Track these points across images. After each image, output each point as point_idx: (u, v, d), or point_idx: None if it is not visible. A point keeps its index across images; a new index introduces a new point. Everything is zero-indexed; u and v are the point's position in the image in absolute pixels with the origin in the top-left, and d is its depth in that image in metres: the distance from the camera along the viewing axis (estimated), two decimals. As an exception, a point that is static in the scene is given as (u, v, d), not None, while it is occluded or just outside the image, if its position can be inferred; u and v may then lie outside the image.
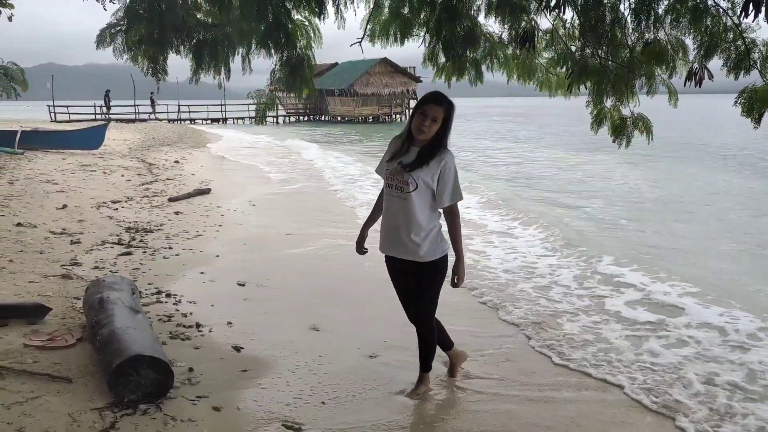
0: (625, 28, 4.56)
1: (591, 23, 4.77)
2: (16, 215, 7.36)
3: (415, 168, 3.00)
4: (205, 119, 44.33)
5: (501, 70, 5.98)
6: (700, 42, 4.03)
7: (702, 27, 3.97)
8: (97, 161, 14.45)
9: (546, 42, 5.47)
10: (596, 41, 4.77)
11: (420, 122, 2.95)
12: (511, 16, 5.08)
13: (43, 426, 2.71)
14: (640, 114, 4.57)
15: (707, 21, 3.93)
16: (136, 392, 3.01)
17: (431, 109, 2.95)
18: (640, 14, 4.40)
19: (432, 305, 3.24)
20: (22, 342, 3.61)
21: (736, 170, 16.56)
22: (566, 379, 3.68)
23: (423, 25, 5.55)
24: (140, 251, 6.25)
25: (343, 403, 3.24)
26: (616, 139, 4.64)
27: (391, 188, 3.09)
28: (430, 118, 2.94)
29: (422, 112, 2.96)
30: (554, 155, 20.63)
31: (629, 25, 4.52)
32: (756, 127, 3.73)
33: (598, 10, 4.64)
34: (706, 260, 7.17)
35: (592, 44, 4.82)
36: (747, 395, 3.51)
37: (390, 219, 3.14)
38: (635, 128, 4.52)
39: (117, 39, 4.73)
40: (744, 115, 3.81)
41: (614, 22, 4.66)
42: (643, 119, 4.53)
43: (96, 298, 3.83)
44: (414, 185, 3.00)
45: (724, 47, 3.89)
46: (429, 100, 2.99)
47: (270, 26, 4.81)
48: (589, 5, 4.68)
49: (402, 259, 3.14)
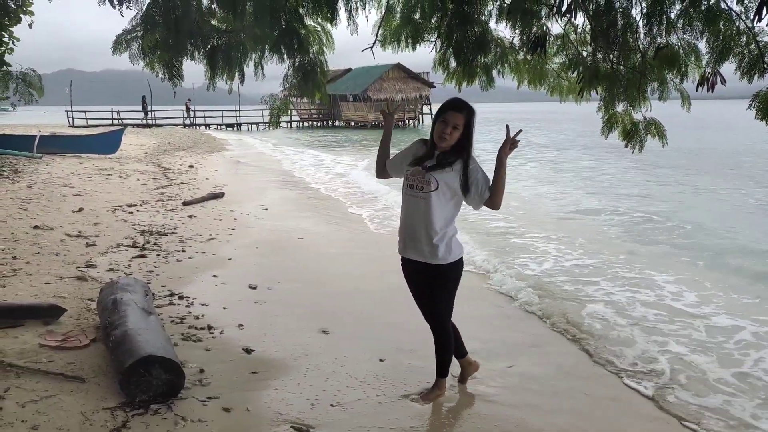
0: (637, 32, 4.55)
1: (602, 28, 4.76)
2: (33, 218, 7.49)
3: (437, 169, 3.00)
4: (219, 125, 44.54)
5: (512, 75, 5.98)
6: (712, 46, 4.01)
7: (715, 31, 3.94)
8: (114, 165, 14.66)
9: (557, 47, 5.48)
10: (608, 46, 4.75)
11: (441, 130, 2.95)
12: (522, 22, 5.08)
13: (56, 424, 2.76)
14: (652, 118, 4.55)
15: (720, 25, 3.90)
16: (148, 392, 3.05)
17: (452, 117, 2.94)
18: (652, 19, 4.39)
19: (447, 309, 3.21)
20: (37, 342, 3.68)
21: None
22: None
23: (434, 30, 5.58)
24: (154, 254, 6.32)
25: (352, 406, 3.25)
26: (629, 144, 4.62)
27: (411, 188, 3.07)
28: (451, 125, 2.94)
29: (443, 120, 2.95)
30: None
31: (641, 29, 4.51)
32: (771, 131, 3.69)
33: (610, 15, 4.63)
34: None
35: (603, 49, 4.81)
36: None
37: (408, 220, 3.12)
38: (648, 133, 4.49)
39: (133, 45, 4.82)
40: (759, 118, 3.78)
41: (626, 26, 4.65)
42: (656, 123, 4.51)
43: (109, 300, 3.89)
44: (435, 185, 2.99)
45: (737, 51, 3.86)
46: (449, 107, 2.97)
47: (283, 32, 4.87)
48: (601, 10, 4.68)
49: (418, 261, 3.12)
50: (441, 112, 2.99)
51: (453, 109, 2.95)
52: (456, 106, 2.96)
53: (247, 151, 24.35)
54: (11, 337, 3.74)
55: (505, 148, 3.01)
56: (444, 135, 2.94)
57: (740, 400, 3.62)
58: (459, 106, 2.96)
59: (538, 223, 9.46)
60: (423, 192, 3.02)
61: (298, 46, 5.06)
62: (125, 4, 3.74)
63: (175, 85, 4.41)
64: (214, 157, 20.34)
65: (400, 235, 3.21)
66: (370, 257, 6.85)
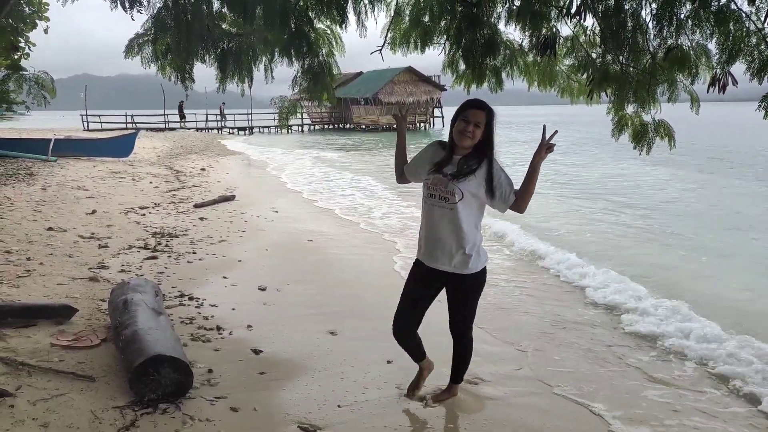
0: (647, 34, 4.53)
1: (612, 30, 4.74)
2: (47, 220, 7.60)
3: (460, 177, 2.86)
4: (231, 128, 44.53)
5: (522, 77, 5.98)
6: (722, 47, 3.98)
7: (725, 32, 3.91)
8: (127, 168, 14.82)
9: (567, 48, 5.46)
10: (617, 48, 4.74)
11: (463, 127, 2.83)
12: (531, 24, 5.08)
13: (66, 422, 2.80)
14: (661, 120, 4.52)
15: (730, 26, 3.87)
16: (156, 391, 3.08)
17: (473, 114, 2.83)
18: (662, 20, 4.36)
19: (473, 316, 3.16)
20: (49, 341, 3.73)
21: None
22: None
23: (443, 33, 5.58)
24: (165, 255, 6.38)
25: (360, 407, 3.26)
26: (637, 145, 4.59)
27: (434, 198, 2.93)
28: (473, 123, 2.82)
29: (464, 118, 2.83)
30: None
31: (651, 31, 4.49)
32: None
33: (619, 16, 4.61)
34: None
35: (613, 51, 4.80)
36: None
37: (433, 230, 2.96)
38: (656, 134, 4.46)
39: (145, 48, 4.88)
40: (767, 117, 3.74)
41: (635, 28, 4.63)
42: (665, 125, 4.49)
43: (120, 300, 3.93)
44: (459, 195, 2.86)
45: (747, 52, 3.83)
46: (470, 105, 2.87)
47: (293, 35, 4.90)
48: (610, 12, 4.66)
49: (447, 272, 2.99)
50: (461, 110, 2.88)
51: (474, 107, 2.85)
52: (477, 104, 2.86)
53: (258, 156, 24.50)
54: (24, 336, 3.79)
55: (540, 152, 2.85)
56: (466, 132, 2.82)
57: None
58: (479, 104, 2.87)
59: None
60: (448, 203, 2.89)
61: (308, 49, 5.10)
62: (136, 8, 3.80)
63: (186, 88, 4.46)
64: (225, 160, 20.48)
65: (424, 245, 3.04)
66: (378, 259, 6.86)
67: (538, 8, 4.99)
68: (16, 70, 11.42)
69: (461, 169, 2.88)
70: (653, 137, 4.52)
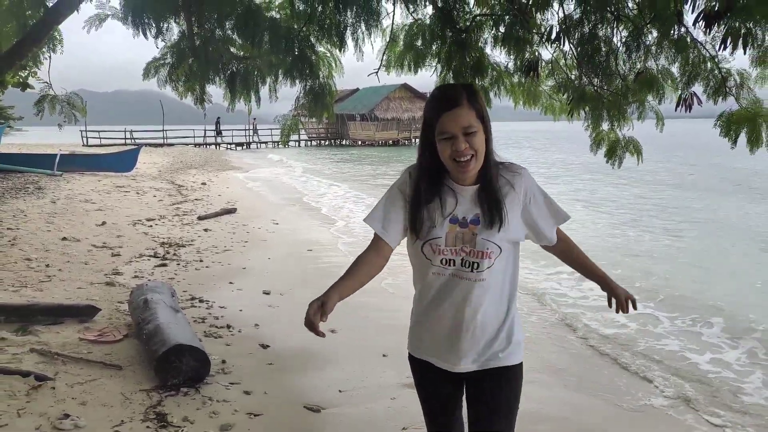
0: (618, 58, 5.00)
1: (587, 54, 5.22)
2: (60, 230, 7.99)
3: (495, 221, 1.72)
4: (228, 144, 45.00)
5: (508, 96, 6.46)
6: (683, 71, 4.44)
7: (685, 58, 4.38)
8: (130, 183, 15.22)
9: (548, 71, 5.94)
10: (592, 71, 5.21)
11: (454, 150, 1.67)
12: (515, 48, 5.55)
13: (101, 401, 3.18)
14: (631, 137, 4.97)
15: (689, 53, 4.34)
16: (178, 377, 3.47)
17: (457, 119, 1.66)
18: (630, 46, 4.84)
19: (514, 421, 1.86)
20: (76, 336, 4.11)
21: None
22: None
23: (435, 56, 6.05)
24: (174, 263, 6.78)
25: (358, 392, 3.65)
26: (609, 160, 5.04)
27: (447, 266, 1.76)
28: (462, 134, 1.66)
29: (445, 133, 1.67)
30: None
31: (621, 56, 4.96)
32: (733, 147, 4.11)
33: (593, 42, 5.09)
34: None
35: (588, 74, 5.27)
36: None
37: (445, 316, 1.80)
38: (626, 150, 4.92)
39: (160, 71, 5.34)
40: (722, 135, 4.19)
41: (608, 53, 5.11)
42: (634, 142, 4.94)
43: (141, 299, 4.33)
44: (497, 251, 1.74)
45: (704, 75, 4.30)
46: (445, 105, 1.68)
47: (296, 58, 5.36)
48: (585, 38, 5.14)
49: (475, 371, 1.81)
50: (432, 117, 1.70)
51: (453, 105, 1.67)
52: (454, 99, 1.68)
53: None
54: (53, 332, 4.17)
55: (618, 294, 1.87)
56: (462, 158, 1.68)
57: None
58: (457, 98, 1.68)
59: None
60: (478, 270, 1.74)
61: (310, 71, 5.56)
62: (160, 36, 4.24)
63: (204, 108, 4.90)
64: (225, 174, 20.91)
65: (433, 339, 1.84)
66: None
67: (521, 34, 5.48)
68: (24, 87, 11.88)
69: (492, 208, 1.73)
70: (623, 153, 4.97)
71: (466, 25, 5.72)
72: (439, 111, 1.67)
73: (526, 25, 5.42)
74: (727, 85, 4.15)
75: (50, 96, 4.94)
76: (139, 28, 4.42)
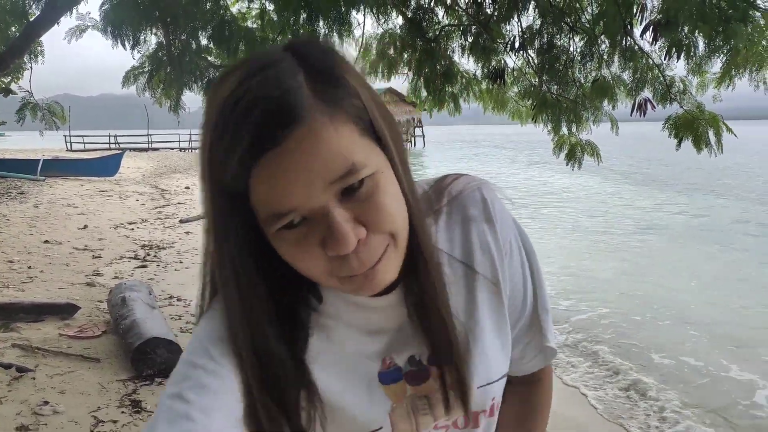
0: (574, 67, 5.30)
1: (547, 63, 5.52)
2: (42, 234, 8.13)
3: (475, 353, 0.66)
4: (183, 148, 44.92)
5: (477, 102, 6.76)
6: (633, 78, 4.75)
7: (633, 66, 4.68)
8: (114, 187, 15.32)
9: (513, 78, 6.24)
10: (551, 78, 5.51)
11: (330, 249, 0.52)
12: (482, 56, 5.85)
13: (79, 390, 3.38)
14: (588, 141, 5.27)
15: (637, 62, 4.65)
16: (153, 368, 3.68)
17: (306, 165, 0.49)
18: (585, 55, 5.15)
19: None
20: (57, 332, 4.30)
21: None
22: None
23: (407, 65, 6.33)
24: (154, 265, 6.96)
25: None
26: (569, 162, 5.33)
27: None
28: (336, 201, 0.52)
29: (294, 217, 0.52)
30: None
31: (577, 64, 5.26)
32: (677, 148, 4.40)
33: (552, 52, 5.38)
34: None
35: (548, 81, 5.56)
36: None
37: None
38: (584, 152, 5.21)
39: (139, 78, 5.54)
40: (671, 137, 4.48)
41: (566, 62, 5.41)
42: (591, 145, 5.24)
43: (119, 297, 4.52)
44: (500, 393, 0.70)
45: (651, 83, 4.60)
46: (258, 135, 0.48)
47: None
48: (545, 48, 5.44)
49: None
50: (237, 178, 0.50)
51: (276, 131, 0.48)
52: (275, 111, 0.48)
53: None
54: (34, 329, 4.36)
55: None
56: (355, 261, 0.53)
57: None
58: (283, 106, 0.48)
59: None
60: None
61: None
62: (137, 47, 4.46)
63: (178, 114, 5.11)
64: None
65: None
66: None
67: (487, 44, 5.77)
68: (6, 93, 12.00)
69: (444, 335, 0.63)
70: (582, 155, 5.26)
71: (435, 34, 6.00)
72: (250, 156, 0.50)
73: (491, 34, 5.72)
74: (671, 92, 4.45)
75: (31, 104, 5.12)
76: (118, 39, 4.63)
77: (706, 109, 4.31)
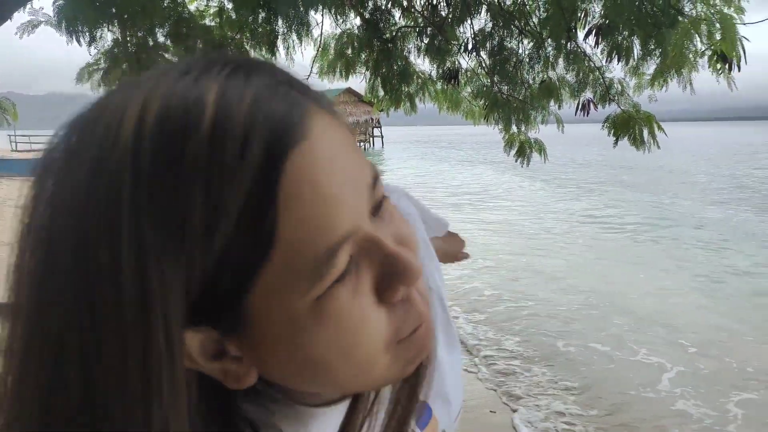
0: (523, 68, 5.57)
1: (498, 64, 5.77)
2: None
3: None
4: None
5: (432, 102, 6.98)
6: (576, 79, 5.04)
7: (576, 69, 4.98)
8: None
9: (467, 79, 6.48)
10: (502, 79, 5.77)
11: (404, 320, 0.38)
12: (437, 57, 6.07)
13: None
14: (536, 138, 5.55)
15: (580, 64, 4.94)
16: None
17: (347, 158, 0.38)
18: (533, 57, 5.43)
19: None
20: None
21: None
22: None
23: (364, 64, 6.49)
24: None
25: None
26: (518, 159, 5.60)
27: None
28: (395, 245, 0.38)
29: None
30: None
31: (526, 66, 5.53)
32: (614, 146, 4.70)
33: (502, 54, 5.64)
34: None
35: (498, 82, 5.82)
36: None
37: None
38: (532, 150, 5.49)
39: (94, 75, 5.50)
40: (610, 136, 4.79)
41: (516, 64, 5.67)
42: (539, 143, 5.52)
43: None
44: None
45: (592, 84, 4.90)
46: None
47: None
48: (495, 50, 5.69)
49: None
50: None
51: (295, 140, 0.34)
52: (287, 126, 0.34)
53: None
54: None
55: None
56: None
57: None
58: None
59: None
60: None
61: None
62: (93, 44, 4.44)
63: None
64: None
65: None
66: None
67: (441, 45, 5.99)
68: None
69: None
70: (530, 153, 5.53)
71: (392, 35, 6.18)
72: (269, 165, 0.33)
73: (445, 36, 5.94)
74: (610, 93, 4.75)
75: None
76: (73, 36, 4.60)
77: (642, 109, 4.64)
